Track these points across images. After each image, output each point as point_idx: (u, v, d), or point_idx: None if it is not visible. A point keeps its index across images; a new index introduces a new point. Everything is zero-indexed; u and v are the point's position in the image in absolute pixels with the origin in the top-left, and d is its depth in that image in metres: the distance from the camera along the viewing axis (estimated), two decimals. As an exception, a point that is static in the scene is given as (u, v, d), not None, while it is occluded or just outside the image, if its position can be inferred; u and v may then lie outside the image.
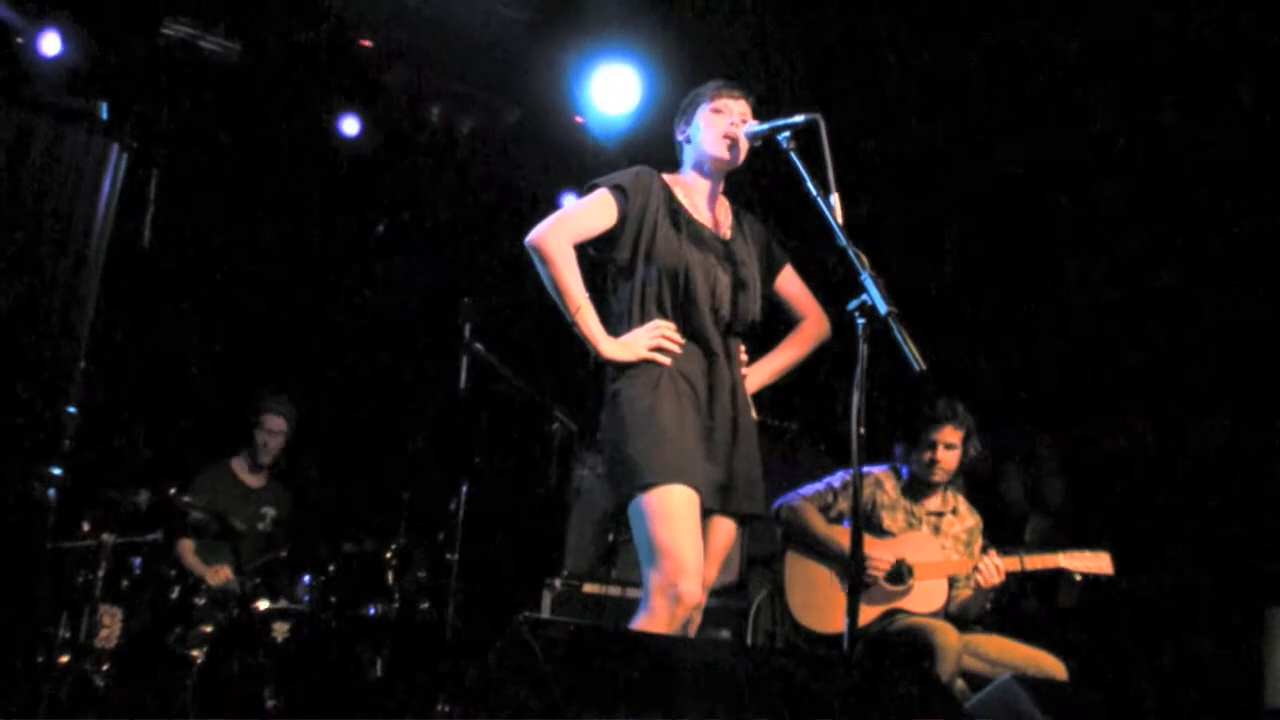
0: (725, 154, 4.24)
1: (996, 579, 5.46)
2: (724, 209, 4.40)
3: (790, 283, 4.50)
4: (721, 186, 4.39)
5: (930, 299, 7.82)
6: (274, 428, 7.12)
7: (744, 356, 4.30)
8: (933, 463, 5.65)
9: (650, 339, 4.06)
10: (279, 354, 8.00)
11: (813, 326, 4.49)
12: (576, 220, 4.15)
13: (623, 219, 4.16)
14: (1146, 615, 7.17)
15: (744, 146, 4.24)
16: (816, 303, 4.52)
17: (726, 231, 4.33)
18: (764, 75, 6.83)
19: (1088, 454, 7.90)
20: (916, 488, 5.74)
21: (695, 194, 4.33)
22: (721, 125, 4.25)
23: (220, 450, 7.13)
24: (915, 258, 7.72)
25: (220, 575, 6.29)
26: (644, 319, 4.12)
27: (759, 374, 4.38)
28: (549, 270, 4.07)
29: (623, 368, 4.08)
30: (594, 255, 4.22)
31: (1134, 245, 7.33)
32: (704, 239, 4.22)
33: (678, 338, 4.09)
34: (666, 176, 4.32)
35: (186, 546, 6.49)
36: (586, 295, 4.08)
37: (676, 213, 4.21)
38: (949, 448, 5.64)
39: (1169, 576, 7.09)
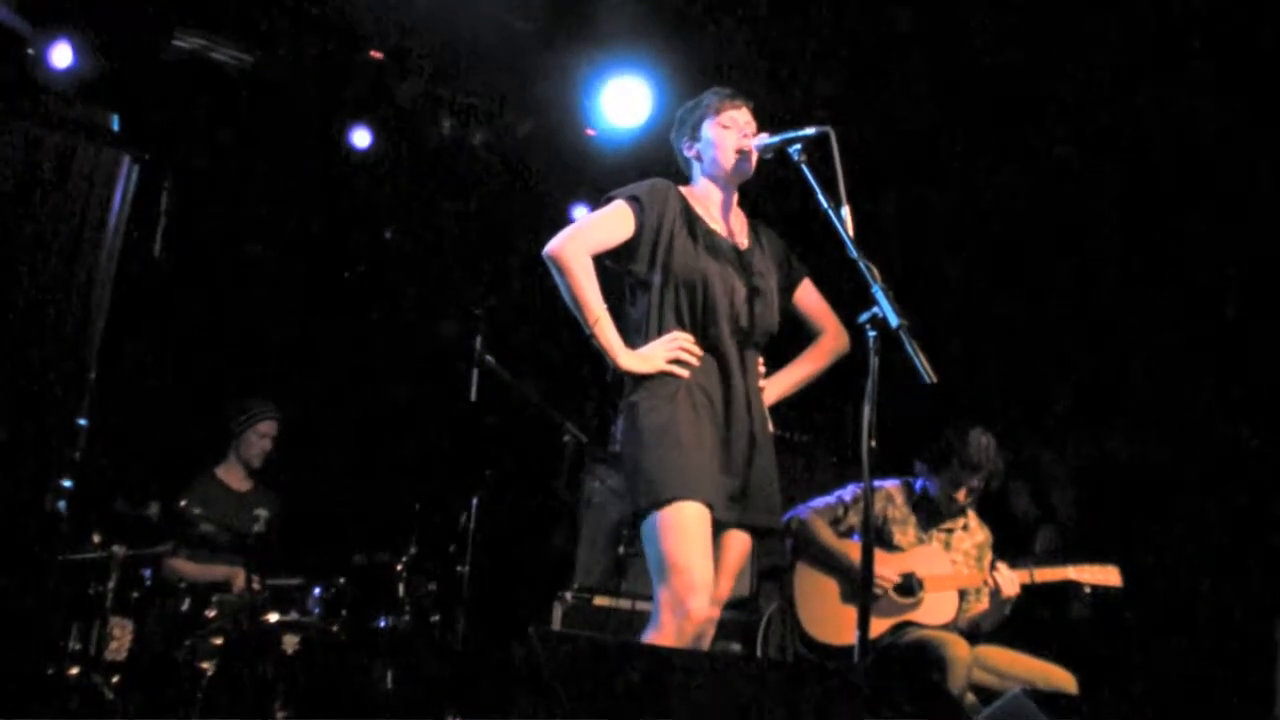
0: (740, 168, 4.26)
1: (1014, 589, 5.45)
2: (739, 220, 4.41)
3: (809, 296, 4.50)
4: (735, 198, 4.39)
5: (937, 310, 7.82)
6: (270, 431, 7.13)
7: (762, 369, 4.30)
8: (953, 500, 5.65)
9: (669, 351, 4.05)
10: (290, 365, 8.00)
11: (831, 340, 4.48)
12: (594, 231, 4.15)
13: (639, 230, 4.15)
14: (1156, 628, 7.16)
15: (755, 157, 4.25)
16: (835, 316, 4.51)
17: (743, 241, 4.34)
18: (774, 87, 6.84)
19: (1096, 466, 7.88)
20: (932, 507, 5.73)
21: (710, 205, 4.33)
22: (733, 139, 4.26)
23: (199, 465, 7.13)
24: (919, 267, 7.72)
25: (240, 578, 6.27)
26: (662, 330, 4.12)
27: (777, 386, 4.38)
28: (567, 281, 4.06)
29: (641, 380, 4.07)
30: (610, 267, 4.22)
31: (1139, 251, 7.33)
32: (721, 249, 4.22)
33: (696, 350, 4.08)
34: (682, 189, 4.32)
35: (182, 562, 6.46)
36: (605, 307, 4.08)
37: (693, 223, 4.21)
38: (972, 491, 5.65)
39: (1178, 589, 7.07)
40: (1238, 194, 6.76)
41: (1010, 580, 5.45)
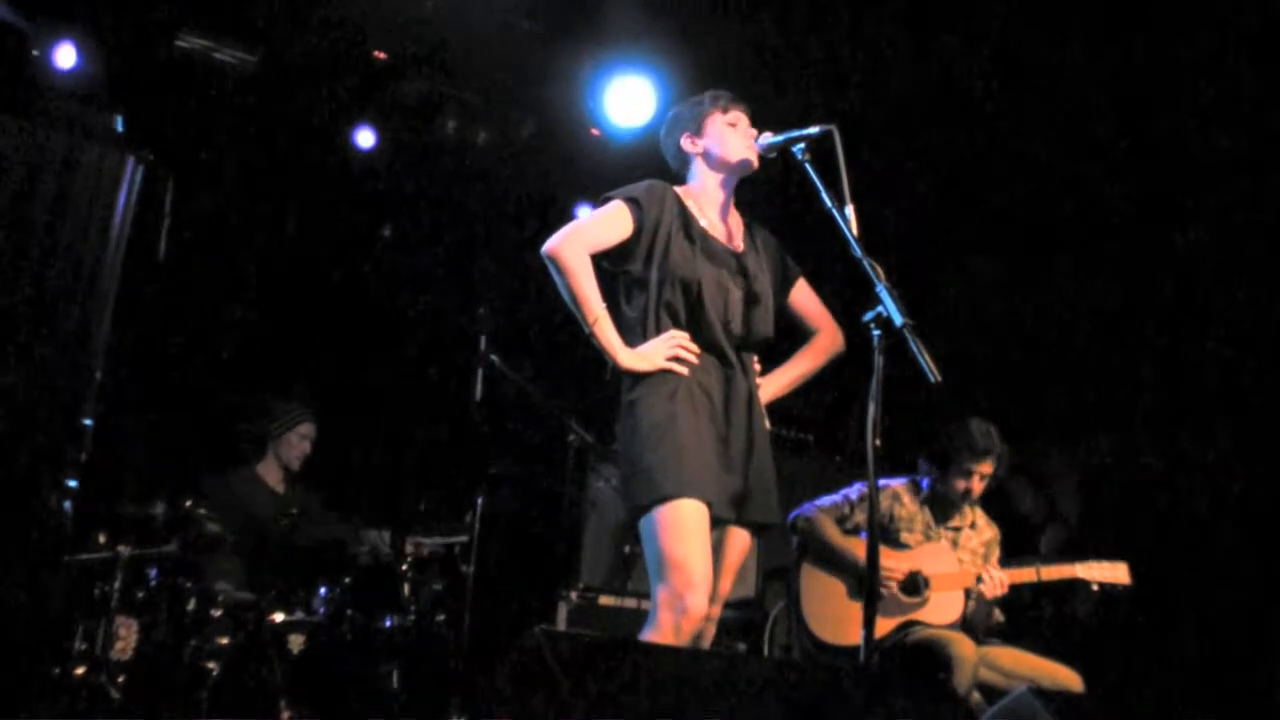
0: (744, 164, 4.28)
1: (999, 590, 5.43)
2: (736, 221, 4.41)
3: (804, 296, 4.50)
4: (732, 200, 4.39)
5: (942, 311, 7.81)
6: (309, 434, 7.03)
7: (758, 367, 4.30)
8: (967, 491, 5.62)
9: (668, 349, 4.05)
10: (295, 364, 7.99)
11: (826, 339, 4.49)
12: (592, 231, 4.15)
13: (637, 231, 4.16)
14: (1161, 626, 7.15)
15: (758, 156, 4.27)
16: (830, 316, 4.51)
17: (739, 244, 4.33)
18: (778, 87, 6.84)
19: (1102, 466, 7.88)
20: (938, 504, 5.71)
21: (708, 206, 4.33)
22: (739, 137, 4.27)
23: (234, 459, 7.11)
24: (924, 269, 7.72)
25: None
26: (659, 330, 4.11)
27: (772, 385, 4.37)
28: (566, 280, 4.06)
29: (640, 378, 4.07)
30: (607, 268, 4.22)
31: (1141, 253, 7.32)
32: (716, 252, 4.22)
33: (694, 348, 4.08)
34: (678, 189, 4.32)
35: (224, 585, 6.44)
36: (604, 306, 4.08)
37: (689, 226, 4.21)
38: (983, 478, 5.61)
39: (1183, 588, 7.07)
40: (1239, 199, 6.77)
41: (996, 582, 5.42)
